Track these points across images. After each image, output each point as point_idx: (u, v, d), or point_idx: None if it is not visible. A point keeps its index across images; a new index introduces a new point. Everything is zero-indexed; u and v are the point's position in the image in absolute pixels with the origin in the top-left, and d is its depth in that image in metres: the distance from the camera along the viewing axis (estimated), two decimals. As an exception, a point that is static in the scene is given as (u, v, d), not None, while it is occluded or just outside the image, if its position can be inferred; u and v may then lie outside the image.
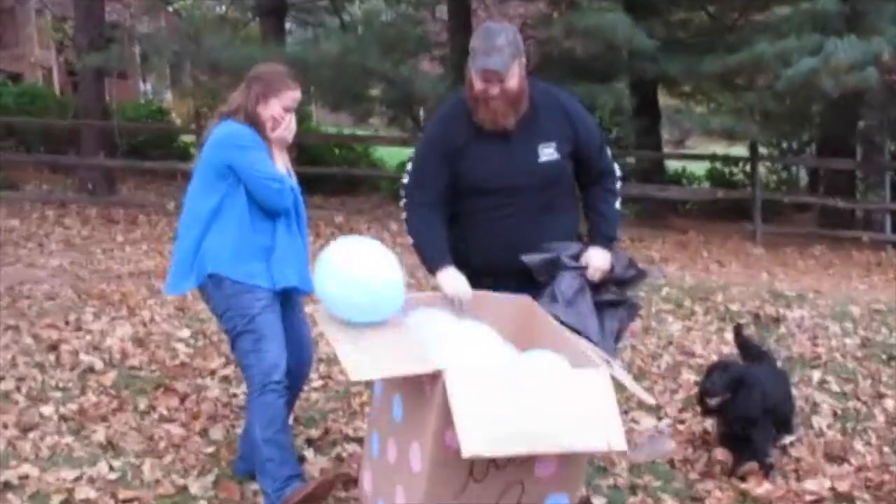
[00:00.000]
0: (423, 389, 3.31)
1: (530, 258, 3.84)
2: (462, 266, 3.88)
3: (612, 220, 4.08)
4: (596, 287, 3.90)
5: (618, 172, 4.13)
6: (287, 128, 4.05)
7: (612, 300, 3.93)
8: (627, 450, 3.43)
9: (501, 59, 3.75)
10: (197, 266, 3.99)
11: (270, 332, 3.93)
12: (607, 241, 4.01)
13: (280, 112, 4.01)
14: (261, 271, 3.96)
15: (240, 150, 3.93)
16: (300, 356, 4.17)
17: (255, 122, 4.00)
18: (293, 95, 4.06)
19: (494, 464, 3.27)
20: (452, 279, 3.84)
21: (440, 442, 3.17)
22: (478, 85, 3.79)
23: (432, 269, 3.91)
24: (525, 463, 3.31)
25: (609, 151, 4.13)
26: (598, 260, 3.91)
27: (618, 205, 4.12)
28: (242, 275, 3.93)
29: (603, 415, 3.21)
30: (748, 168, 16.50)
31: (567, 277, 3.84)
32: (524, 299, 3.87)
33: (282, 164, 4.06)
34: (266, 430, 3.87)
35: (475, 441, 3.01)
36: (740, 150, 18.20)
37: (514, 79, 3.78)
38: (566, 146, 3.93)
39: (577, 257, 3.92)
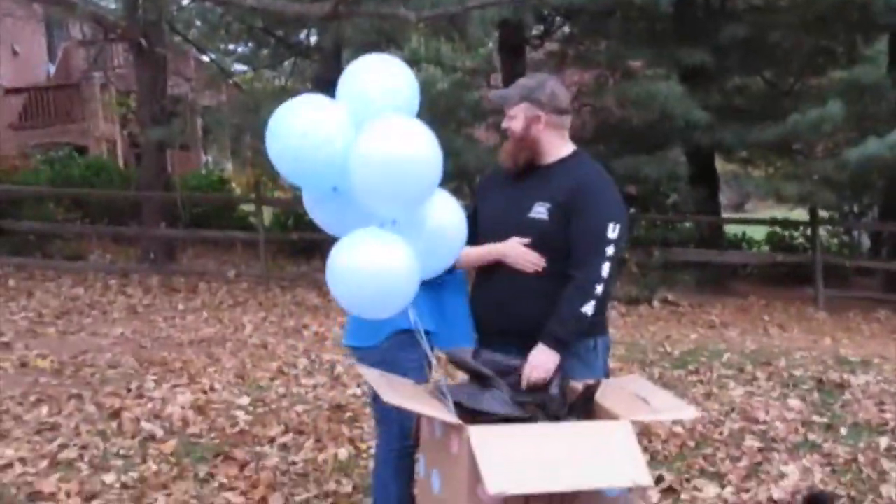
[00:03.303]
0: (451, 452, 3.33)
1: (460, 359, 3.66)
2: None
3: (563, 318, 3.66)
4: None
5: (603, 272, 3.65)
6: None
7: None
8: None
9: (504, 93, 3.88)
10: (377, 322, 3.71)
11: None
12: (551, 340, 3.65)
13: None
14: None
15: None
16: None
17: None
18: None
19: None
20: None
21: (473, 497, 3.16)
22: None
23: None
24: None
25: (605, 266, 3.64)
26: (529, 365, 3.62)
27: (587, 308, 3.64)
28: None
29: (626, 457, 3.22)
30: (808, 232, 16.35)
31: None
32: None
33: None
34: (404, 490, 3.93)
35: (499, 479, 3.02)
36: (800, 214, 18.05)
37: (518, 121, 3.82)
38: (562, 215, 3.73)
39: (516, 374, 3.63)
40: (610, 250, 3.66)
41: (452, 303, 3.91)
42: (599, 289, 3.64)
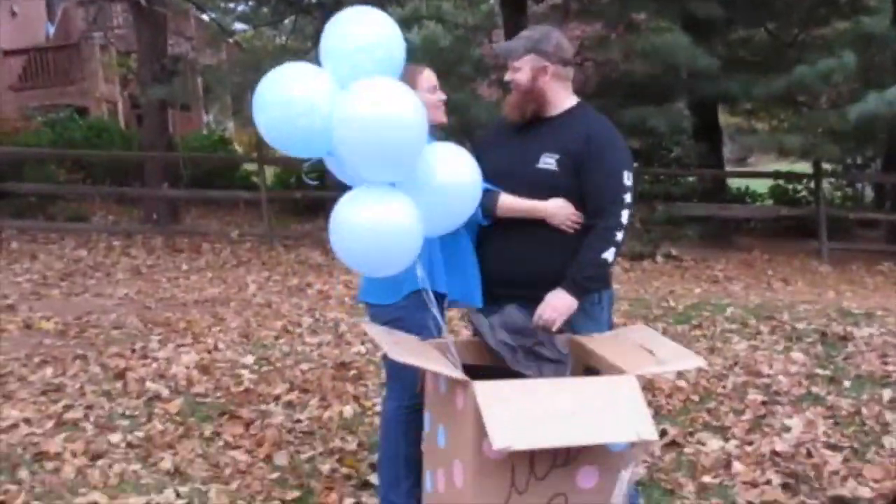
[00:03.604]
0: (456, 407, 3.33)
1: (479, 320, 3.67)
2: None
3: (585, 264, 3.69)
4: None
5: (622, 219, 3.69)
6: (435, 107, 3.89)
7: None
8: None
9: (509, 45, 3.86)
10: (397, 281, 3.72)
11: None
12: (571, 285, 3.68)
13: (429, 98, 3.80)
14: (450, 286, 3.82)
15: None
16: None
17: None
18: (424, 79, 3.90)
19: (534, 474, 3.25)
20: None
21: (478, 452, 3.16)
22: None
23: None
24: (566, 473, 3.29)
25: (624, 213, 3.69)
26: (545, 303, 3.67)
27: (607, 255, 3.68)
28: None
29: (632, 411, 3.23)
30: (812, 185, 16.30)
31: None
32: None
33: None
34: (413, 447, 3.91)
35: (505, 434, 3.02)
36: (803, 168, 17.99)
37: (523, 73, 3.79)
38: (572, 165, 3.73)
39: (526, 336, 3.63)
40: (627, 197, 3.71)
41: (464, 255, 3.88)
42: (619, 235, 3.69)
